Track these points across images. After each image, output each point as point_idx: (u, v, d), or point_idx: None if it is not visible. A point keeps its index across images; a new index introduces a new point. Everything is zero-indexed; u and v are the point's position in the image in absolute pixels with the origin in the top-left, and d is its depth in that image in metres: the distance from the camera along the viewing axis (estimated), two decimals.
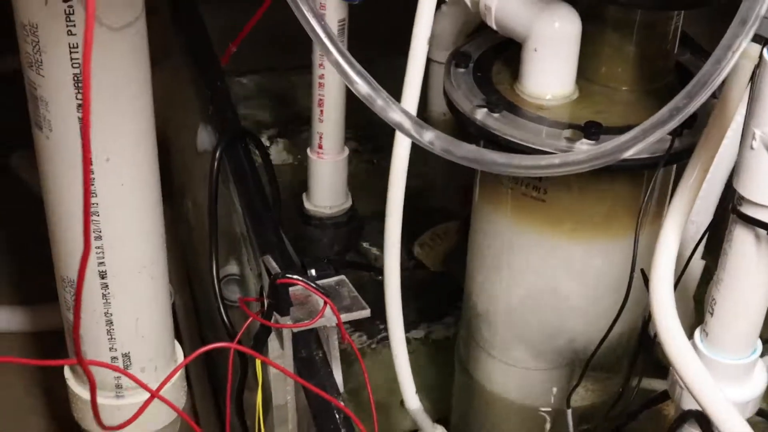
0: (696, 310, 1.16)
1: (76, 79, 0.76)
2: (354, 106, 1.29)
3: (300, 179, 1.46)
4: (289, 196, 1.43)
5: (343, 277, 0.82)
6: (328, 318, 0.79)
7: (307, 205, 1.42)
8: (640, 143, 0.64)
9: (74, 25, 0.74)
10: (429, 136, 0.67)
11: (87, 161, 0.61)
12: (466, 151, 0.67)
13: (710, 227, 1.01)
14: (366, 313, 0.80)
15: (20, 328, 1.46)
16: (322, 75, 1.30)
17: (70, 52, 0.75)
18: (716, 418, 0.71)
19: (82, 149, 0.60)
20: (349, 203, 1.43)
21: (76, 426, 0.97)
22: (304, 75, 1.41)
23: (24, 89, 0.79)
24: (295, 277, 0.78)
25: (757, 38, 0.61)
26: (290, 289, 0.79)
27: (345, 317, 0.79)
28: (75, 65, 0.75)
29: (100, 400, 0.92)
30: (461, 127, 0.93)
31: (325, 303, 0.78)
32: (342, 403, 0.74)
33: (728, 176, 1.03)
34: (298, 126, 1.71)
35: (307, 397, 0.76)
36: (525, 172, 0.72)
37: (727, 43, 0.60)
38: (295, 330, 0.79)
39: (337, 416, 0.73)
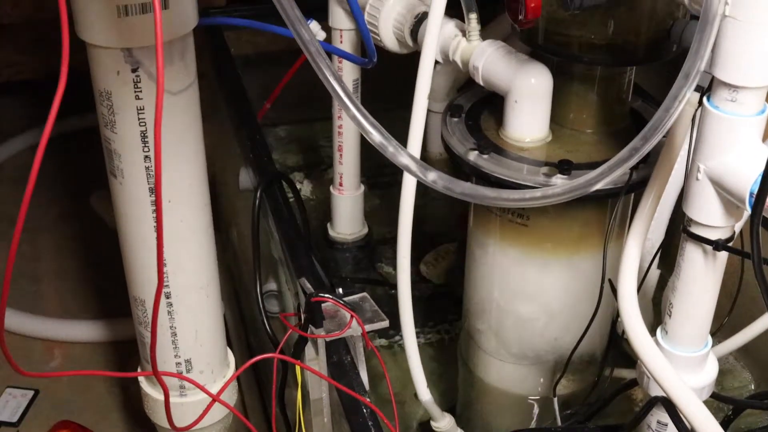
0: (654, 311, 1.15)
1: (143, 135, 0.76)
2: (368, 150, 1.30)
3: (324, 211, 1.46)
4: (316, 226, 1.43)
5: (365, 293, 0.82)
6: (354, 329, 0.79)
7: (331, 232, 1.42)
8: (607, 177, 0.64)
9: (141, 91, 0.74)
10: (432, 176, 0.67)
11: (159, 206, 0.61)
12: (463, 188, 0.67)
13: (663, 243, 1.01)
14: (385, 323, 0.80)
15: (101, 338, 1.46)
16: (341, 125, 1.30)
17: (138, 114, 0.75)
18: (679, 402, 0.71)
19: (155, 196, 0.60)
20: (365, 230, 1.43)
21: (148, 420, 0.98)
22: (325, 125, 1.41)
23: (98, 142, 0.80)
24: (326, 295, 0.79)
25: (697, 88, 0.61)
26: (322, 305, 0.79)
27: (368, 327, 0.80)
28: (141, 124, 0.76)
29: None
30: (456, 166, 0.93)
31: (352, 316, 0.79)
32: (368, 400, 0.74)
33: (676, 201, 1.03)
34: (321, 167, 1.71)
35: (339, 395, 0.76)
36: (512, 204, 0.72)
37: (674, 94, 0.60)
38: (328, 339, 0.79)
39: (364, 410, 0.73)
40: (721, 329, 1.03)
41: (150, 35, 0.71)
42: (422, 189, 0.85)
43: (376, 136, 0.66)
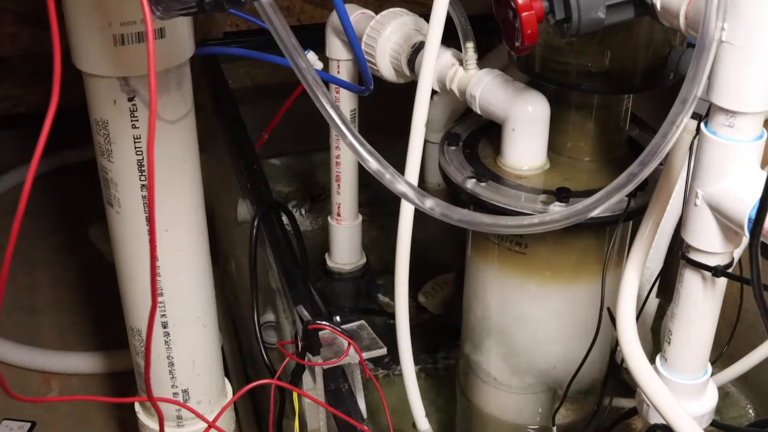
0: (653, 340, 1.14)
1: (139, 164, 0.76)
2: (365, 180, 1.30)
3: (322, 241, 1.46)
4: (313, 256, 1.43)
5: (362, 321, 0.82)
6: (351, 356, 0.78)
7: (329, 262, 1.41)
8: (605, 203, 0.64)
9: (137, 120, 0.74)
10: (430, 203, 0.67)
11: (153, 233, 0.61)
12: (460, 215, 0.67)
13: (662, 271, 1.00)
14: (383, 351, 0.80)
15: (98, 369, 1.45)
16: (338, 155, 1.30)
17: (134, 143, 0.75)
18: (679, 430, 0.70)
19: (149, 224, 0.59)
20: (363, 260, 1.42)
21: None
22: (322, 156, 1.41)
23: (97, 175, 0.79)
24: (323, 323, 0.78)
25: (694, 115, 0.61)
26: (320, 333, 0.78)
27: (366, 355, 0.79)
28: (138, 153, 0.76)
29: (165, 429, 0.91)
30: (454, 194, 0.92)
31: (349, 344, 0.78)
32: (366, 428, 0.73)
33: (674, 228, 1.02)
34: (318, 198, 1.71)
35: (337, 423, 0.75)
36: (510, 231, 0.72)
37: (672, 119, 0.60)
38: (325, 367, 0.78)
39: None
40: (720, 358, 1.02)
41: (146, 64, 0.71)
42: (420, 219, 0.85)
43: (373, 163, 0.66)
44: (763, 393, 1.21)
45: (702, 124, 0.65)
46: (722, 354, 1.00)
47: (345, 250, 1.39)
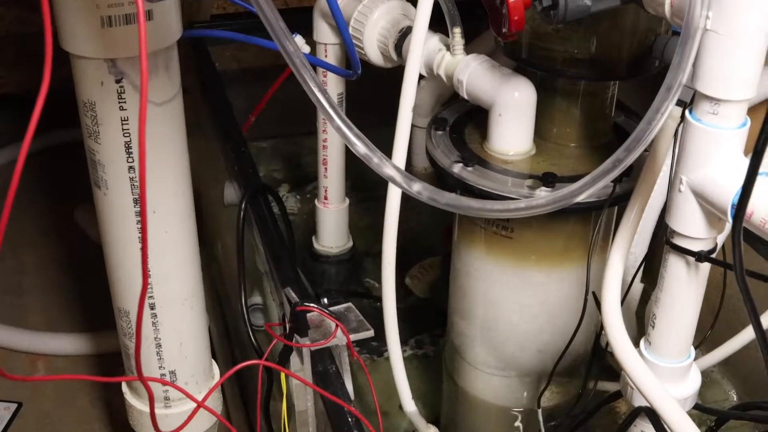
0: (637, 325, 1.15)
1: (127, 145, 0.76)
2: (352, 164, 1.30)
3: (309, 225, 1.46)
4: (300, 239, 1.43)
5: (350, 304, 0.82)
6: (339, 338, 0.79)
7: (315, 245, 1.41)
8: (590, 188, 0.64)
9: (125, 102, 0.74)
10: (417, 187, 0.67)
11: (143, 213, 0.61)
12: (447, 199, 0.67)
13: (646, 257, 1.01)
14: (370, 333, 0.80)
15: (85, 351, 1.45)
16: (326, 139, 1.30)
17: (122, 124, 0.75)
18: (662, 411, 0.71)
19: (140, 204, 0.59)
20: (350, 243, 1.42)
21: (132, 431, 0.97)
22: (309, 140, 1.41)
23: (82, 156, 0.79)
24: (311, 305, 0.78)
25: (679, 102, 0.62)
26: (307, 314, 0.79)
27: (353, 337, 0.79)
28: (126, 134, 0.76)
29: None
30: (441, 179, 0.92)
31: (337, 326, 0.78)
32: (354, 408, 0.74)
33: (659, 214, 1.03)
34: (305, 182, 1.71)
35: (324, 403, 0.76)
36: (497, 215, 0.72)
37: (657, 106, 0.60)
38: (313, 348, 0.78)
39: (350, 419, 0.73)
40: (703, 342, 1.03)
41: (134, 46, 0.71)
42: (406, 203, 0.85)
43: (361, 147, 0.66)
44: (746, 378, 1.22)
45: (687, 111, 0.65)
46: (705, 339, 1.01)
47: (332, 233, 1.39)
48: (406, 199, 0.74)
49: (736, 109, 0.63)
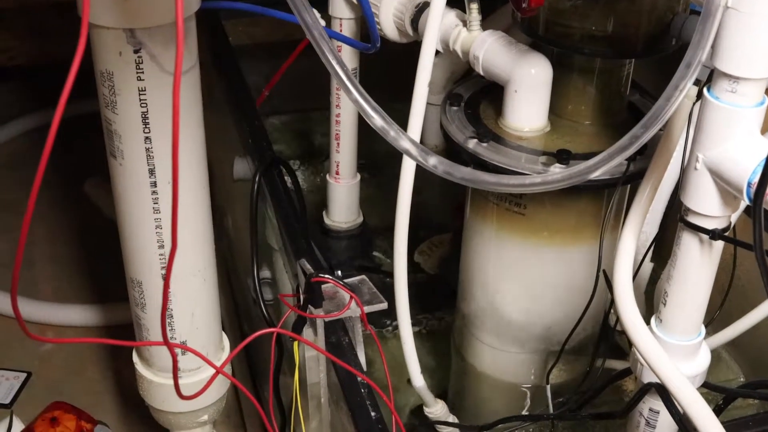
0: (647, 304, 1.16)
1: (143, 116, 0.76)
2: (364, 139, 1.30)
3: (320, 200, 1.47)
4: (311, 214, 1.43)
5: (363, 276, 0.82)
6: (353, 310, 0.79)
7: (326, 220, 1.42)
8: (606, 165, 0.64)
9: (143, 72, 0.74)
10: (433, 161, 0.67)
11: (175, 179, 0.61)
12: (463, 173, 0.67)
13: (657, 236, 1.01)
14: (384, 305, 0.80)
15: (94, 322, 1.46)
16: (339, 114, 1.30)
17: (139, 95, 0.75)
18: (672, 387, 0.71)
19: (172, 165, 0.59)
20: (361, 219, 1.43)
21: (141, 403, 0.98)
22: (322, 115, 1.41)
23: (93, 129, 0.79)
24: (326, 276, 0.79)
25: (696, 81, 0.62)
26: (322, 286, 0.79)
27: (367, 309, 0.80)
28: (143, 105, 0.76)
29: (162, 380, 0.92)
30: (455, 154, 0.93)
31: (351, 297, 0.79)
32: (367, 377, 0.74)
33: (671, 194, 1.03)
34: (317, 157, 1.71)
35: (337, 373, 0.76)
36: (511, 189, 0.72)
37: (675, 83, 0.61)
38: (327, 320, 0.79)
39: (362, 390, 0.74)
40: (712, 323, 1.04)
41: (153, 16, 0.71)
42: (417, 180, 0.85)
43: (378, 120, 0.66)
44: (753, 358, 1.23)
45: (705, 89, 0.65)
46: (714, 318, 1.02)
47: (343, 208, 1.40)
48: (417, 175, 0.74)
49: (755, 87, 0.63)
